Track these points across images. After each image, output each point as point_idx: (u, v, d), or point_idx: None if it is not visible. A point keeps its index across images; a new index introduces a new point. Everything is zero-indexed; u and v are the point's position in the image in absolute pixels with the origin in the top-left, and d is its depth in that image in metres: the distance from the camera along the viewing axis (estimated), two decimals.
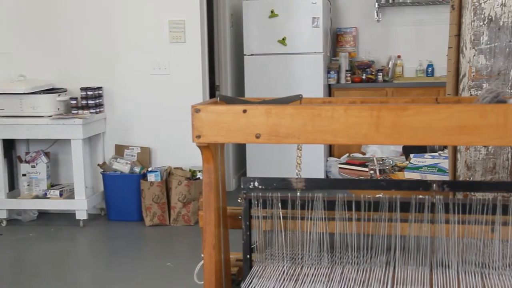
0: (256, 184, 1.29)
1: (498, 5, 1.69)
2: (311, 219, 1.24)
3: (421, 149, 3.42)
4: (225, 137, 1.14)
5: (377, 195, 1.24)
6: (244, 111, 1.12)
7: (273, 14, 6.05)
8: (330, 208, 1.24)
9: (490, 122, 1.00)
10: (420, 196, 1.19)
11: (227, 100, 1.25)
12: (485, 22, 1.72)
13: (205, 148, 1.20)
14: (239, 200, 1.28)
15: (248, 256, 1.28)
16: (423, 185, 1.18)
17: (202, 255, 1.26)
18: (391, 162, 3.38)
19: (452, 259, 1.18)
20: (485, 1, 1.70)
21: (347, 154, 6.26)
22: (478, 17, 1.72)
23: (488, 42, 1.74)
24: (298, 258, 1.26)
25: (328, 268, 1.24)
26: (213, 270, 1.22)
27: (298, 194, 1.25)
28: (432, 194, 1.17)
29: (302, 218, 1.25)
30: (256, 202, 1.27)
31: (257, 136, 1.12)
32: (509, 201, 1.14)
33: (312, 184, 1.24)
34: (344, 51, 6.76)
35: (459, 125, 1.01)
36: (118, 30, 5.15)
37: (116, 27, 5.15)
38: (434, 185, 1.15)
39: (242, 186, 1.29)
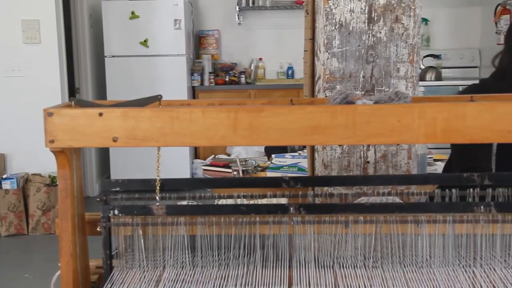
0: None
1: (347, 11, 1.78)
2: (172, 223, 1.24)
3: (282, 149, 3.53)
4: (80, 141, 1.10)
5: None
6: (100, 114, 1.09)
7: (134, 15, 5.95)
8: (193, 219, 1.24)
9: (340, 122, 1.05)
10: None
11: (82, 104, 1.21)
12: (336, 27, 1.80)
13: (59, 153, 1.15)
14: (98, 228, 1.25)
15: (108, 262, 1.25)
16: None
17: (60, 264, 1.21)
18: (254, 163, 3.45)
19: (309, 256, 1.22)
20: (336, 7, 1.78)
21: (212, 156, 6.31)
22: (330, 22, 1.80)
23: (340, 46, 1.83)
24: (160, 262, 1.25)
25: (190, 270, 1.24)
26: (71, 279, 1.18)
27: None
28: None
29: (163, 222, 1.24)
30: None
31: (114, 140, 1.10)
32: (358, 220, 1.20)
33: (173, 210, 1.24)
34: (207, 53, 6.80)
35: (312, 126, 1.05)
36: None
37: None
38: (291, 208, 1.20)
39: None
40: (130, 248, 1.27)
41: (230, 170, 3.36)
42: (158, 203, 1.24)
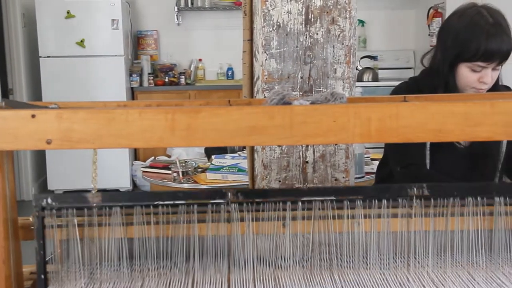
0: (50, 201, 1.22)
1: (285, 12, 1.80)
2: (109, 224, 1.22)
3: (222, 150, 3.53)
4: (12, 144, 1.07)
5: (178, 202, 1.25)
6: (33, 116, 1.06)
7: (69, 15, 5.83)
8: (129, 215, 1.23)
9: (277, 122, 1.06)
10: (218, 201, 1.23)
11: (13, 105, 1.17)
12: (274, 28, 1.82)
13: None
14: (31, 219, 1.22)
15: (42, 267, 1.21)
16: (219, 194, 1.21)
17: None
18: (194, 164, 3.45)
19: (248, 256, 1.23)
20: (273, 8, 1.80)
21: (153, 157, 6.24)
22: (267, 23, 1.81)
23: (278, 47, 1.84)
24: (97, 266, 1.23)
25: (128, 273, 1.22)
26: (3, 286, 1.15)
27: (95, 210, 1.22)
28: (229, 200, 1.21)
29: (100, 225, 1.22)
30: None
31: (48, 142, 1.07)
32: (297, 206, 1.21)
33: (109, 198, 1.21)
34: (146, 54, 6.73)
35: (249, 126, 1.06)
36: None
37: None
38: (229, 194, 1.19)
39: (34, 196, 1.22)
40: (66, 253, 1.24)
41: (169, 172, 3.34)
42: (93, 190, 1.22)
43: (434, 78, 1.96)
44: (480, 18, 1.86)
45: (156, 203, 1.22)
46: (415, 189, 1.21)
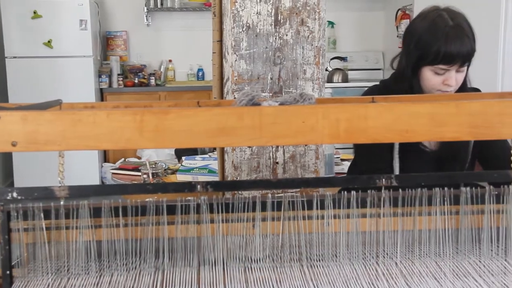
0: (15, 194, 1.21)
1: (254, 13, 1.80)
2: (76, 227, 1.20)
3: (192, 151, 3.52)
4: None
5: (147, 199, 1.24)
6: None
7: (36, 15, 5.75)
8: (97, 215, 1.21)
9: (246, 124, 1.06)
10: (187, 198, 1.22)
11: None
12: (244, 29, 1.82)
13: None
14: None
15: (8, 272, 1.19)
16: (188, 187, 1.20)
17: None
18: (164, 166, 3.42)
19: (218, 257, 1.22)
20: (243, 9, 1.80)
21: (122, 159, 6.19)
22: (237, 24, 1.81)
23: (248, 48, 1.84)
24: (64, 270, 1.21)
25: (96, 277, 1.20)
26: None
27: (62, 202, 1.20)
28: (197, 195, 1.21)
29: (67, 228, 1.20)
30: (15, 214, 1.19)
31: (14, 144, 1.05)
32: (267, 198, 1.21)
33: (76, 191, 1.19)
34: (115, 55, 6.66)
35: (218, 127, 1.05)
36: None
37: None
38: (199, 186, 1.19)
39: None
40: (32, 256, 1.22)
41: (139, 173, 3.32)
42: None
43: (400, 82, 1.97)
44: (441, 21, 1.87)
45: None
46: (383, 179, 1.22)
